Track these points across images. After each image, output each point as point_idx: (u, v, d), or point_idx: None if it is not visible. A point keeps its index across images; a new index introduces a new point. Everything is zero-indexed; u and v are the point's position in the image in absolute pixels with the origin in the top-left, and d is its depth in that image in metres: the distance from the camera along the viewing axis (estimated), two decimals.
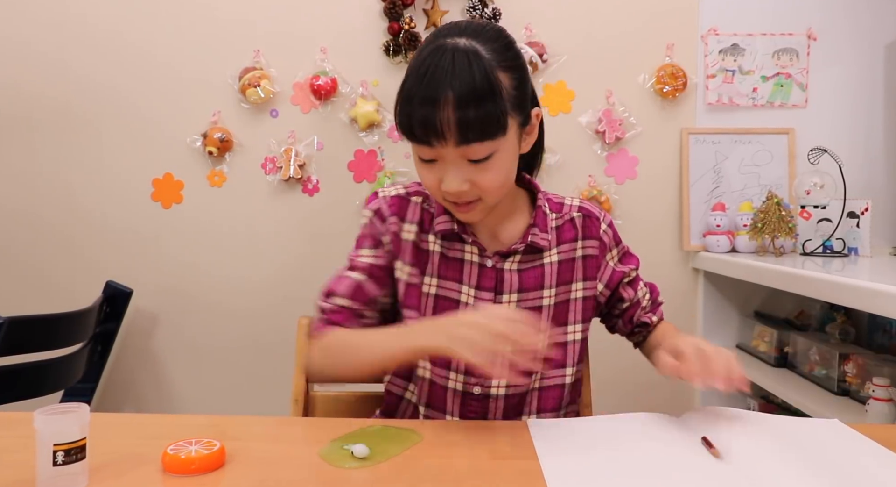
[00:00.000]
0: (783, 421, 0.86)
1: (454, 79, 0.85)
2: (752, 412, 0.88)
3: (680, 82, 2.07)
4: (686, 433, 0.81)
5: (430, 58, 0.87)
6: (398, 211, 1.04)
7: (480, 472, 0.71)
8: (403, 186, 1.08)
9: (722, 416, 0.85)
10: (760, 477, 0.66)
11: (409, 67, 0.90)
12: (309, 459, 0.74)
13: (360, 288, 1.02)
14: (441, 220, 1.02)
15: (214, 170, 2.09)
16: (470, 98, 0.85)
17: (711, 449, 0.74)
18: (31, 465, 0.65)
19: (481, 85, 0.85)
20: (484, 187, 0.91)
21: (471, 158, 0.89)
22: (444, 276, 1.02)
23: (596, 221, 1.08)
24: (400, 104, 0.89)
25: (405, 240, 1.03)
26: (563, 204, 1.09)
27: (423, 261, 1.02)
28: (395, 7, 2.02)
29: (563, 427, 0.84)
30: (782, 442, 0.75)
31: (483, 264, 1.01)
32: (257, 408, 2.11)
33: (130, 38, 2.07)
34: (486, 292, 1.01)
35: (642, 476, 0.69)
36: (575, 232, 1.06)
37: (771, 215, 1.88)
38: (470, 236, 1.01)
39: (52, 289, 2.09)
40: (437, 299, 1.01)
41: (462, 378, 1.00)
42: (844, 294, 1.28)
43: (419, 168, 0.94)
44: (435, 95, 0.85)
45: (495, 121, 0.87)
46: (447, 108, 0.84)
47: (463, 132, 0.86)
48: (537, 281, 1.03)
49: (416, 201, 1.05)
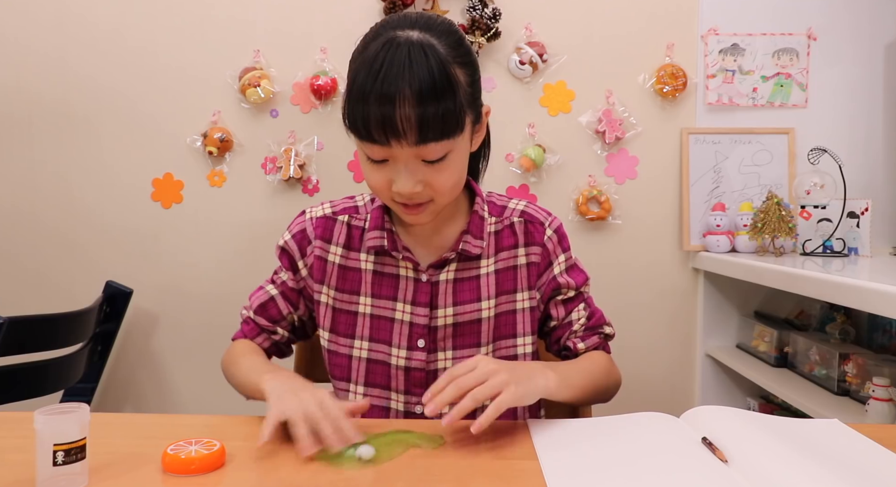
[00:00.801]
0: (783, 422, 0.86)
1: (412, 74, 0.79)
2: (751, 413, 0.87)
3: (680, 82, 2.07)
4: (686, 433, 0.81)
5: (382, 51, 0.81)
6: (323, 233, 1.01)
7: (480, 472, 0.71)
8: (331, 204, 1.04)
9: (721, 416, 0.85)
10: (766, 481, 0.66)
11: (359, 62, 0.83)
12: (309, 459, 0.74)
13: (269, 305, 1.03)
14: (371, 236, 0.98)
15: (214, 170, 2.09)
16: (430, 95, 0.80)
17: (716, 452, 0.74)
18: (31, 465, 0.65)
19: (440, 81, 0.80)
20: (438, 187, 0.87)
21: (426, 158, 0.84)
22: (378, 294, 0.98)
23: (540, 226, 1.01)
24: (352, 102, 0.82)
25: (330, 263, 1.00)
26: (505, 207, 1.02)
27: (355, 281, 0.99)
28: (394, 7, 2.02)
29: (562, 428, 0.84)
30: (784, 443, 0.75)
31: (418, 278, 0.97)
32: (257, 408, 2.10)
33: (130, 38, 2.07)
34: (422, 308, 0.97)
35: (645, 478, 0.69)
36: (515, 239, 1.00)
37: (771, 215, 1.88)
38: (401, 251, 0.96)
39: (52, 289, 2.09)
40: (372, 319, 0.98)
41: (403, 398, 0.98)
42: (844, 294, 1.28)
43: (367, 169, 0.88)
44: (392, 92, 0.79)
45: (454, 119, 0.82)
46: (406, 105, 0.79)
47: (423, 131, 0.81)
48: (474, 293, 0.98)
49: (342, 220, 1.01)
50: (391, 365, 0.98)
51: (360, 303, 0.99)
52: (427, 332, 0.97)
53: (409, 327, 0.97)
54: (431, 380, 0.93)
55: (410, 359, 0.97)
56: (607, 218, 2.09)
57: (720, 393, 2.10)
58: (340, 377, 1.01)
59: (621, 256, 2.11)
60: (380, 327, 0.98)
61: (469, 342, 0.98)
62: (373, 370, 0.98)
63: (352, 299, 0.99)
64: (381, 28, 0.86)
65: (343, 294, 0.99)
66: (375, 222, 0.98)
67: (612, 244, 2.11)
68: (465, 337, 0.98)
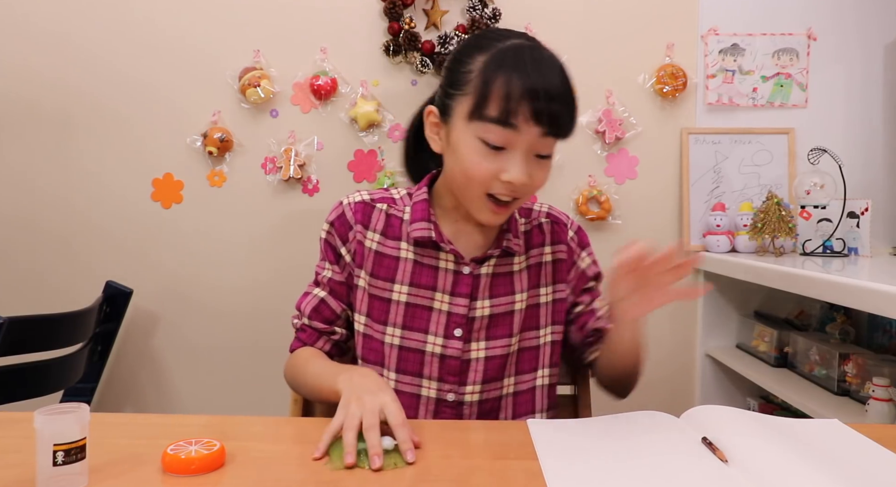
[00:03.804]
0: (782, 422, 0.86)
1: (557, 71, 0.89)
2: (750, 413, 0.87)
3: (680, 82, 2.07)
4: (687, 433, 0.81)
5: (520, 51, 0.89)
6: (362, 218, 1.04)
7: (481, 472, 0.71)
8: (368, 192, 1.08)
9: (721, 416, 0.85)
10: (767, 481, 0.66)
11: (494, 52, 0.90)
12: (309, 459, 0.74)
13: (321, 308, 1.05)
14: (418, 227, 1.01)
15: (214, 170, 2.09)
16: (569, 93, 0.89)
17: (716, 452, 0.74)
18: (31, 465, 0.65)
19: (570, 87, 0.90)
20: (537, 183, 0.94)
21: (540, 151, 0.91)
22: (417, 283, 1.01)
23: (563, 227, 1.10)
24: (491, 80, 0.88)
25: (367, 247, 1.03)
26: (531, 209, 1.10)
27: (390, 268, 1.02)
28: (395, 7, 2.02)
29: (562, 428, 0.84)
30: (784, 443, 0.75)
31: (459, 270, 1.01)
32: (257, 408, 2.11)
33: (130, 39, 2.07)
34: (461, 298, 1.01)
35: (648, 478, 0.69)
36: (543, 237, 1.08)
37: (771, 215, 1.88)
38: (447, 244, 1.01)
39: (52, 289, 2.09)
40: (408, 307, 1.01)
41: (436, 385, 1.00)
42: (844, 294, 1.28)
43: (475, 157, 0.91)
44: (547, 79, 0.87)
45: (574, 122, 0.91)
46: (555, 95, 0.87)
47: (560, 123, 0.89)
48: (509, 286, 1.03)
49: (380, 207, 1.05)
50: (426, 352, 1.01)
51: (393, 290, 1.01)
52: (465, 322, 1.01)
53: (448, 316, 1.01)
54: (465, 369, 1.01)
55: (447, 347, 1.00)
56: (607, 218, 2.09)
57: (720, 393, 2.10)
58: (374, 361, 1.03)
59: None
60: (415, 315, 1.01)
61: (501, 333, 1.02)
62: (405, 357, 1.01)
63: (385, 286, 1.02)
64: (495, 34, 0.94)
65: (377, 280, 1.02)
66: (421, 214, 1.02)
67: (612, 244, 2.10)
68: (498, 328, 1.02)
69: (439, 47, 2.03)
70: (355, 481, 0.69)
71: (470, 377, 1.00)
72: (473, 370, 1.00)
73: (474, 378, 1.01)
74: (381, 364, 1.02)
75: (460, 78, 0.93)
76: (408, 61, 2.07)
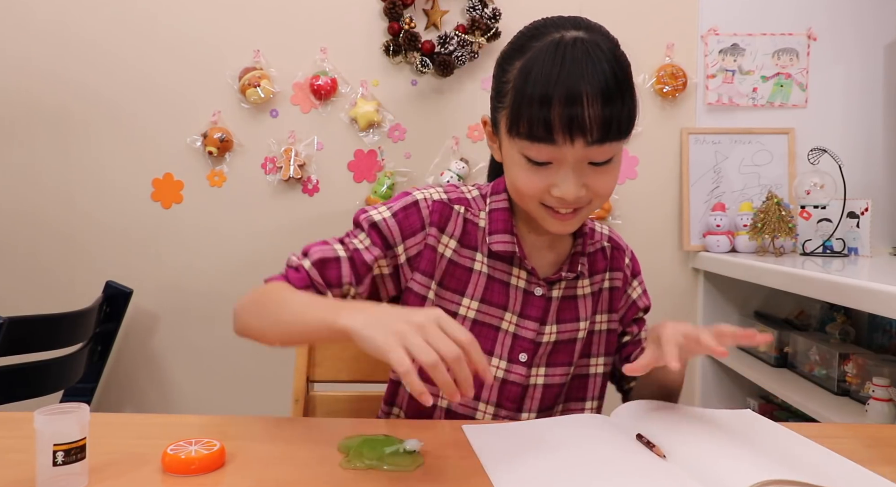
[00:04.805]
0: (699, 412, 0.87)
1: (595, 71, 0.78)
2: (667, 404, 0.88)
3: (680, 82, 2.07)
4: (621, 430, 0.81)
5: (556, 50, 0.79)
6: (439, 220, 0.93)
7: (481, 472, 0.71)
8: (444, 189, 0.96)
9: (648, 411, 0.86)
10: (707, 474, 0.67)
11: (526, 61, 0.81)
12: (309, 459, 0.74)
13: (331, 264, 0.90)
14: (499, 239, 0.92)
15: (214, 170, 2.09)
16: (614, 92, 0.78)
17: (654, 449, 0.74)
18: (31, 465, 0.65)
19: (621, 78, 0.80)
20: (600, 191, 0.84)
21: (594, 159, 0.82)
22: (489, 300, 0.93)
23: (622, 253, 1.03)
24: (524, 102, 0.79)
25: (440, 254, 0.92)
26: (594, 230, 1.02)
27: (462, 280, 0.92)
28: (395, 7, 2.02)
29: (497, 431, 0.82)
30: (713, 435, 0.76)
31: (530, 290, 0.94)
32: (257, 408, 2.11)
33: (130, 39, 2.07)
34: (531, 322, 0.93)
35: (594, 477, 0.68)
36: (606, 263, 1.01)
37: (771, 215, 1.88)
38: (528, 261, 0.92)
39: (52, 289, 2.09)
40: (474, 324, 0.92)
41: (493, 410, 0.94)
42: (844, 294, 1.28)
43: (521, 173, 0.84)
44: (578, 89, 0.77)
45: (631, 118, 0.81)
46: (592, 103, 0.77)
47: (605, 130, 0.79)
48: (574, 312, 0.97)
49: (458, 210, 0.94)
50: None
51: (462, 304, 0.93)
52: (532, 347, 0.94)
53: (513, 338, 0.93)
54: (524, 395, 0.94)
55: (510, 372, 0.93)
56: (607, 218, 2.09)
57: (720, 393, 2.10)
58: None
59: None
60: (482, 334, 0.92)
61: (562, 361, 0.96)
62: None
63: (454, 299, 0.93)
64: (540, 29, 0.84)
65: (446, 292, 0.92)
66: (503, 225, 0.93)
67: None
68: (559, 355, 0.96)
69: (439, 47, 2.03)
70: (354, 481, 0.69)
71: (527, 404, 0.95)
72: (531, 397, 0.95)
73: (530, 406, 0.95)
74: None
75: (500, 88, 0.85)
76: (408, 61, 2.07)
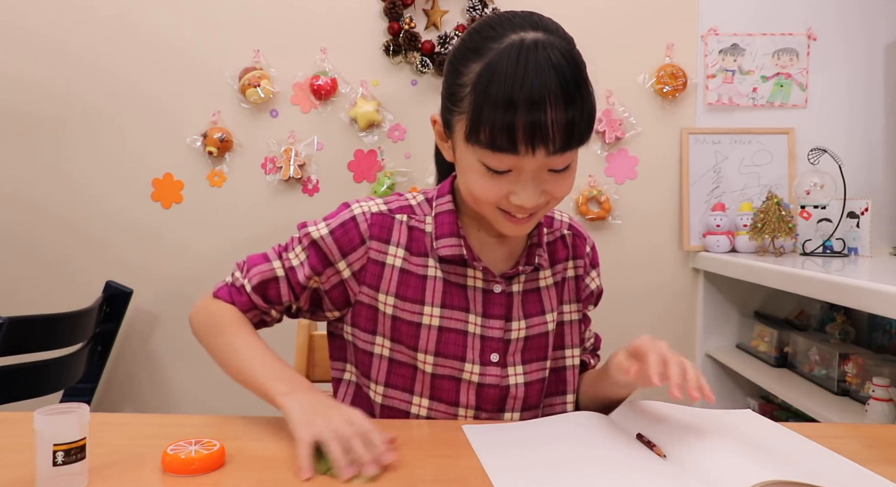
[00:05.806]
0: (701, 413, 0.87)
1: (558, 78, 0.75)
2: (669, 405, 0.88)
3: (680, 82, 2.07)
4: (621, 430, 0.81)
5: (517, 55, 0.76)
6: (379, 232, 0.91)
7: (481, 472, 0.71)
8: (383, 200, 0.95)
9: (648, 410, 0.86)
10: (708, 476, 0.67)
11: (485, 67, 0.77)
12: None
13: (270, 285, 0.96)
14: (446, 243, 0.90)
15: (214, 170, 2.09)
16: (575, 99, 0.76)
17: (654, 448, 0.74)
18: (31, 465, 0.65)
19: (581, 83, 0.78)
20: (558, 195, 0.85)
21: (555, 167, 0.81)
22: (450, 305, 0.91)
23: (583, 240, 1.01)
24: (484, 111, 0.76)
25: (389, 266, 0.90)
26: (553, 219, 1.01)
27: (418, 288, 0.90)
28: (395, 7, 2.02)
29: (497, 431, 0.83)
30: (713, 435, 0.76)
31: (489, 289, 0.92)
32: (257, 408, 2.10)
33: (130, 39, 2.07)
34: (496, 320, 0.92)
35: (596, 477, 0.68)
36: (567, 251, 0.99)
37: (771, 215, 1.88)
38: (479, 261, 0.91)
39: (52, 289, 2.09)
40: (441, 331, 0.90)
41: (473, 413, 0.92)
42: (844, 294, 1.28)
43: (480, 180, 0.81)
44: (540, 98, 0.74)
45: (589, 124, 0.79)
46: (554, 111, 0.75)
47: (568, 137, 0.77)
48: (539, 304, 0.95)
49: (400, 219, 0.92)
50: (462, 381, 0.91)
51: (424, 314, 0.90)
52: (502, 345, 0.92)
53: (482, 340, 0.91)
54: (505, 396, 0.92)
55: (485, 375, 0.91)
56: (607, 218, 2.09)
57: (720, 393, 2.10)
58: (402, 387, 0.93)
59: (621, 256, 2.11)
60: (451, 341, 0.90)
61: (536, 356, 0.95)
62: (439, 385, 0.91)
63: (414, 309, 0.90)
64: (496, 28, 0.80)
65: (405, 303, 0.90)
66: (449, 228, 0.91)
67: (612, 244, 2.11)
68: (532, 351, 0.94)
69: (439, 47, 2.03)
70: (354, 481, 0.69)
71: (509, 404, 0.93)
72: (512, 397, 0.92)
73: (513, 406, 0.93)
74: (411, 391, 0.92)
75: (455, 92, 0.81)
76: (408, 61, 2.07)
